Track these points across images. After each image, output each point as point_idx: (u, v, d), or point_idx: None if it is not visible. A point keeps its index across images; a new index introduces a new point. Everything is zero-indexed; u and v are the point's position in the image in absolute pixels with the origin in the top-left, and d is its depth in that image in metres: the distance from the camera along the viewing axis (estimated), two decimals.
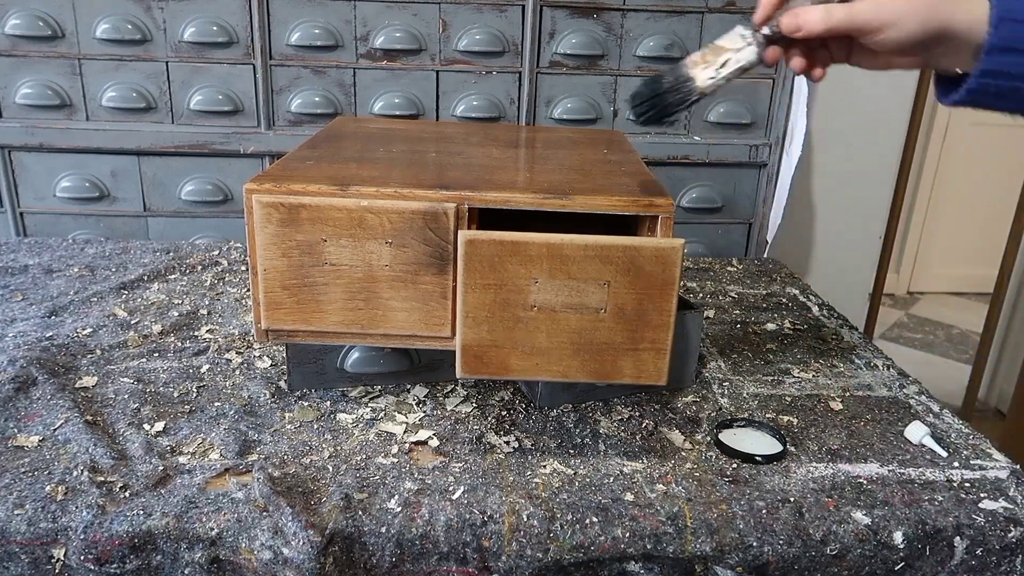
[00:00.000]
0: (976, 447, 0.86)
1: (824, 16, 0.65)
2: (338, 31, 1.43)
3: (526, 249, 0.71)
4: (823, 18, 0.65)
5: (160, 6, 1.40)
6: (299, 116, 1.47)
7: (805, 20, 0.66)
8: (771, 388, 0.98)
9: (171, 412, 0.87)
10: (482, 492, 0.75)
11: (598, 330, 0.74)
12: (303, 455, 0.80)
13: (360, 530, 0.70)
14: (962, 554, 0.73)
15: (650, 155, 1.52)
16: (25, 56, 1.41)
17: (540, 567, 0.70)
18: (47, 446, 0.79)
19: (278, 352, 1.01)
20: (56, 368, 0.94)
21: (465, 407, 0.90)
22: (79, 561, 0.68)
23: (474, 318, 0.73)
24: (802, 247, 1.82)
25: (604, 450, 0.83)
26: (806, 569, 0.72)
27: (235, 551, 0.69)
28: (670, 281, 0.72)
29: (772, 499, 0.75)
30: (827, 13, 0.65)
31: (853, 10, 0.65)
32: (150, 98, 1.45)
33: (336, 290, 0.79)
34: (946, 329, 3.00)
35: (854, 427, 0.89)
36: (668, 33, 1.48)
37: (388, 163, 0.89)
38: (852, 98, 1.66)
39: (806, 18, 0.66)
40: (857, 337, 1.15)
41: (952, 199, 3.14)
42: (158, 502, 0.71)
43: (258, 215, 0.76)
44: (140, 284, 1.23)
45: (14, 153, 1.45)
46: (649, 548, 0.71)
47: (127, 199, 1.50)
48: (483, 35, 1.45)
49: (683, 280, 1.36)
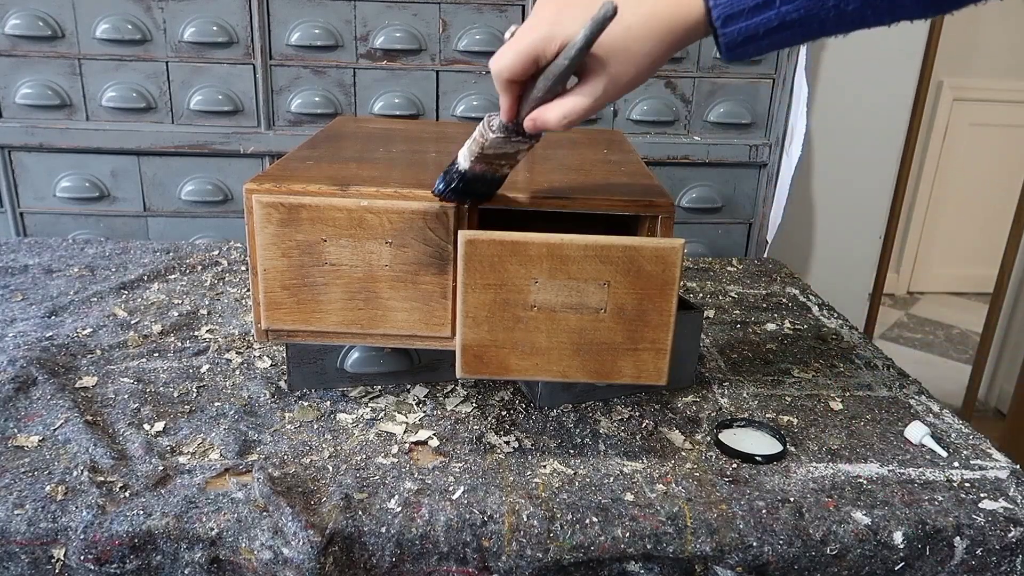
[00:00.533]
0: (976, 447, 0.86)
1: (562, 118, 0.64)
2: (338, 31, 1.43)
3: (526, 249, 0.71)
4: (562, 118, 0.64)
5: (160, 6, 1.40)
6: (299, 116, 1.48)
7: (544, 121, 0.65)
8: (771, 388, 0.98)
9: (171, 412, 0.87)
10: (482, 492, 0.75)
11: (598, 330, 0.74)
12: (303, 455, 0.80)
13: (360, 530, 0.70)
14: (962, 554, 0.73)
15: (650, 155, 1.52)
16: (25, 56, 1.41)
17: (540, 567, 0.70)
18: (47, 446, 0.79)
19: (278, 352, 1.01)
20: (56, 368, 0.94)
21: (465, 407, 0.90)
22: (79, 561, 0.68)
23: (474, 318, 0.73)
24: (802, 247, 1.82)
25: (604, 450, 0.83)
26: (806, 569, 0.72)
27: (235, 551, 0.69)
28: (670, 281, 0.72)
29: (772, 499, 0.75)
30: (563, 115, 0.64)
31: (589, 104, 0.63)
32: (150, 98, 1.45)
33: (336, 290, 0.79)
34: (946, 329, 3.00)
35: (854, 427, 0.89)
36: None
37: (388, 163, 0.89)
38: (852, 98, 1.67)
39: (544, 119, 0.64)
40: (857, 337, 1.15)
41: (952, 199, 3.14)
42: (158, 502, 0.71)
43: (258, 215, 0.76)
44: (140, 284, 1.23)
45: (14, 153, 1.46)
46: (649, 548, 0.71)
47: (127, 199, 1.50)
48: (483, 35, 1.45)
49: (683, 280, 1.36)
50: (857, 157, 1.73)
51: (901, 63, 1.68)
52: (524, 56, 0.62)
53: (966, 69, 2.92)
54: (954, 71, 2.92)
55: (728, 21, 0.59)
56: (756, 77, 1.54)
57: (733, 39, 0.60)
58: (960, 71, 2.92)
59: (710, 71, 1.53)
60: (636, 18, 0.61)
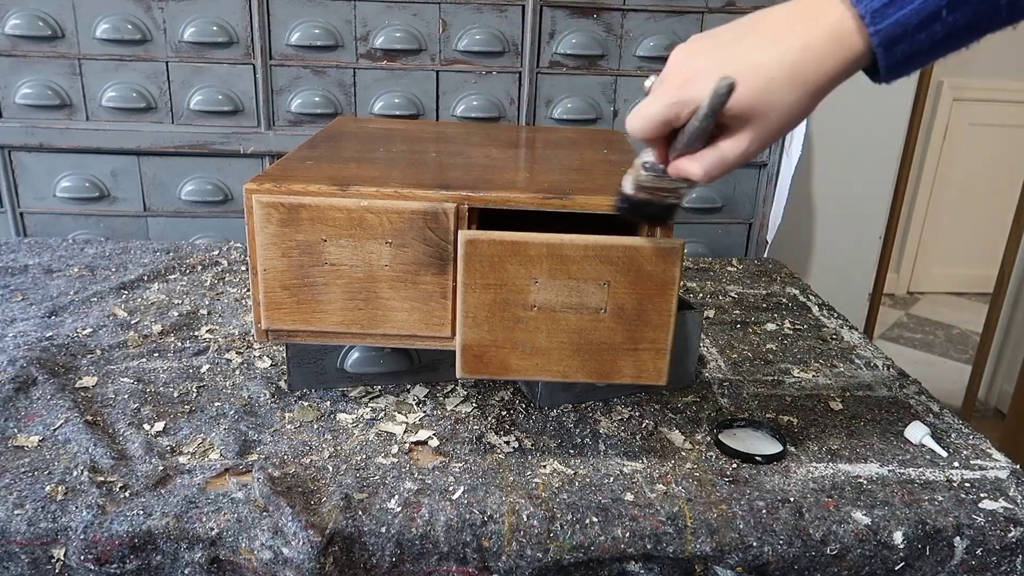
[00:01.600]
0: (976, 447, 0.86)
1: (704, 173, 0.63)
2: (338, 31, 1.43)
3: (526, 249, 0.71)
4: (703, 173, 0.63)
5: (160, 6, 1.40)
6: (299, 116, 1.48)
7: (686, 172, 0.64)
8: (771, 388, 0.98)
9: (171, 412, 0.87)
10: (482, 492, 0.75)
11: (598, 330, 0.74)
12: (303, 455, 0.80)
13: (360, 530, 0.70)
14: (962, 554, 0.73)
15: None
16: (25, 56, 1.41)
17: (540, 567, 0.70)
18: (47, 446, 0.79)
19: (278, 352, 1.01)
20: (56, 368, 0.94)
21: (465, 407, 0.90)
22: (79, 561, 0.68)
23: (474, 318, 0.73)
24: (802, 247, 1.82)
25: (604, 450, 0.83)
26: (806, 569, 0.72)
27: (235, 551, 0.69)
28: (670, 281, 0.72)
29: (772, 499, 0.75)
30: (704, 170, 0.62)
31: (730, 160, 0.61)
32: (150, 98, 1.45)
33: (336, 290, 0.79)
34: (946, 329, 3.00)
35: (854, 427, 0.89)
36: (668, 33, 1.48)
37: (388, 163, 0.89)
38: (852, 98, 1.66)
39: (687, 170, 0.63)
40: (857, 337, 1.15)
41: (952, 199, 3.14)
42: (158, 502, 0.71)
43: (258, 215, 0.76)
44: (140, 284, 1.23)
45: (14, 153, 1.45)
46: (649, 548, 0.71)
47: (127, 199, 1.50)
48: (483, 35, 1.45)
49: (683, 280, 1.36)
50: (857, 157, 1.74)
51: None
52: (655, 123, 0.61)
53: (966, 69, 2.92)
54: (954, 71, 2.92)
55: (891, 45, 0.55)
56: None
57: (895, 62, 0.55)
58: (960, 71, 2.92)
59: None
60: (780, 69, 0.57)
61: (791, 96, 0.58)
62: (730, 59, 0.57)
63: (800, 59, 0.57)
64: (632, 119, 0.63)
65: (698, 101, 0.58)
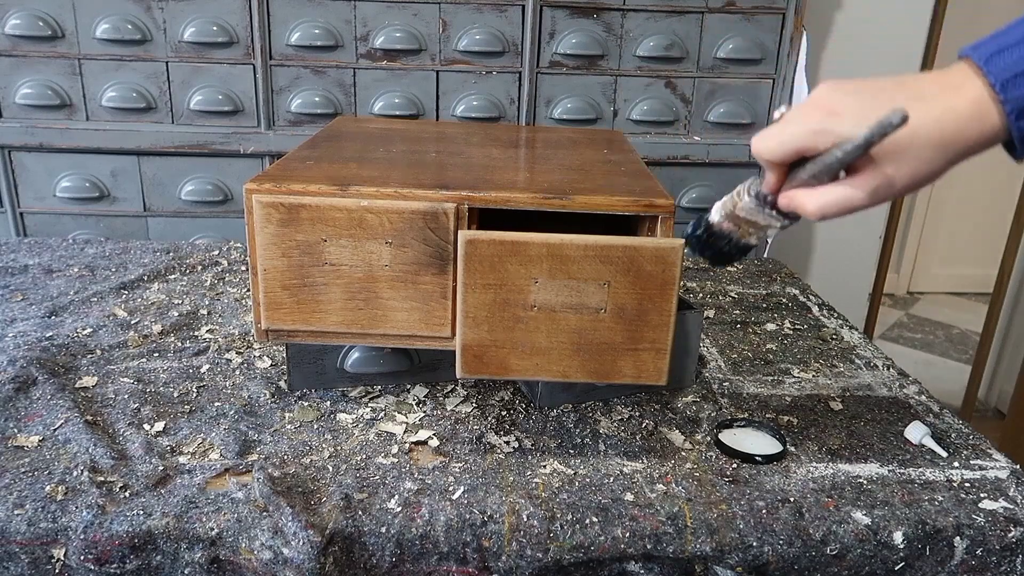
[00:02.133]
0: (976, 447, 0.86)
1: (819, 209, 0.62)
2: (338, 31, 1.43)
3: (526, 249, 0.71)
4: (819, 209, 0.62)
5: (160, 6, 1.40)
6: (299, 116, 1.48)
7: (800, 205, 0.63)
8: (771, 388, 0.98)
9: (171, 412, 0.87)
10: (482, 492, 0.75)
11: (598, 330, 0.74)
12: (303, 455, 0.80)
13: (360, 530, 0.70)
14: (962, 554, 0.73)
15: (650, 155, 1.52)
16: (25, 56, 1.41)
17: (540, 567, 0.70)
18: (47, 446, 0.79)
19: (278, 352, 1.01)
20: (56, 368, 0.94)
21: (465, 407, 0.90)
22: (79, 561, 0.68)
23: (474, 318, 0.73)
24: (802, 247, 1.82)
25: (604, 450, 0.83)
26: (806, 569, 0.72)
27: (235, 551, 0.69)
28: (670, 281, 0.72)
29: (772, 499, 0.75)
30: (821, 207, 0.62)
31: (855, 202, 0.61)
32: (150, 98, 1.45)
33: (336, 290, 0.79)
34: (946, 329, 3.00)
35: (854, 427, 0.89)
36: (668, 33, 1.48)
37: (388, 163, 0.89)
38: None
39: (801, 203, 0.63)
40: (857, 337, 1.15)
41: (952, 199, 3.14)
42: (158, 502, 0.71)
43: (258, 215, 0.76)
44: (140, 284, 1.23)
45: (14, 153, 1.46)
46: (649, 548, 0.71)
47: (127, 199, 1.50)
48: (483, 35, 1.45)
49: (683, 280, 1.36)
50: None
51: (901, 63, 1.68)
52: (789, 148, 0.60)
53: None
54: None
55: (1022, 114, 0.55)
56: (756, 77, 1.54)
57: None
58: None
59: (710, 71, 1.53)
60: (924, 123, 0.57)
61: (930, 153, 0.58)
62: (881, 106, 0.57)
63: (947, 120, 0.57)
64: (764, 140, 0.62)
65: (839, 135, 0.58)
